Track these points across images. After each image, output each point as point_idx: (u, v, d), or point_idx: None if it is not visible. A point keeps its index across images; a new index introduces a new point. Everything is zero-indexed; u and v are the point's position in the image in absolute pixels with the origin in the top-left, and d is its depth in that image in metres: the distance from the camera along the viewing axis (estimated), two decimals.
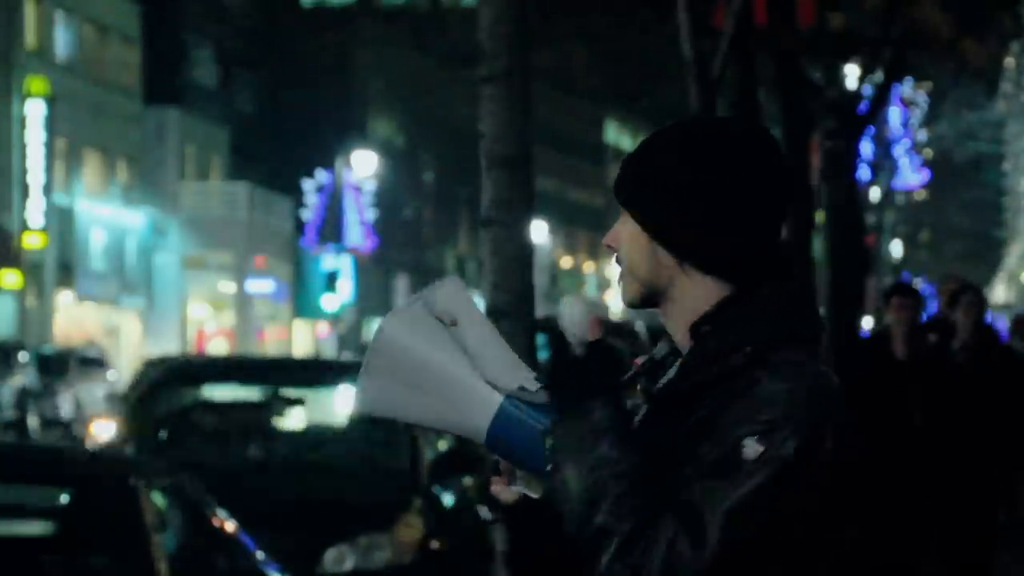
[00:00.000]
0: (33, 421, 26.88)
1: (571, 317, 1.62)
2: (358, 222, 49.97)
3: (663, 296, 2.13)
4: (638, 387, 2.16)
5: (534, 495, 2.10)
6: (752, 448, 1.97)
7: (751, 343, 2.04)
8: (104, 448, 8.56)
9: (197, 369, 10.84)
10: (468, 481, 8.74)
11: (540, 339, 6.53)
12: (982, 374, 8.10)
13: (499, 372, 2.09)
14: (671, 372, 2.14)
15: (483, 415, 2.08)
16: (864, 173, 34.47)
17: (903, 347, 8.02)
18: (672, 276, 2.11)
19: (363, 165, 49.81)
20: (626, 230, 2.14)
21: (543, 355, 13.09)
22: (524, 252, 5.01)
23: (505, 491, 2.12)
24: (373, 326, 57.31)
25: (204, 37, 46.14)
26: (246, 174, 47.49)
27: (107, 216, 41.96)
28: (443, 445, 8.87)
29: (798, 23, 15.61)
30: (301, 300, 49.28)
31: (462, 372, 2.09)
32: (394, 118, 54.92)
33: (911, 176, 46.66)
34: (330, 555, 7.73)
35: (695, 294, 2.11)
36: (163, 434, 8.83)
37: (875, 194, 45.03)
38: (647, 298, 2.15)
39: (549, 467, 2.04)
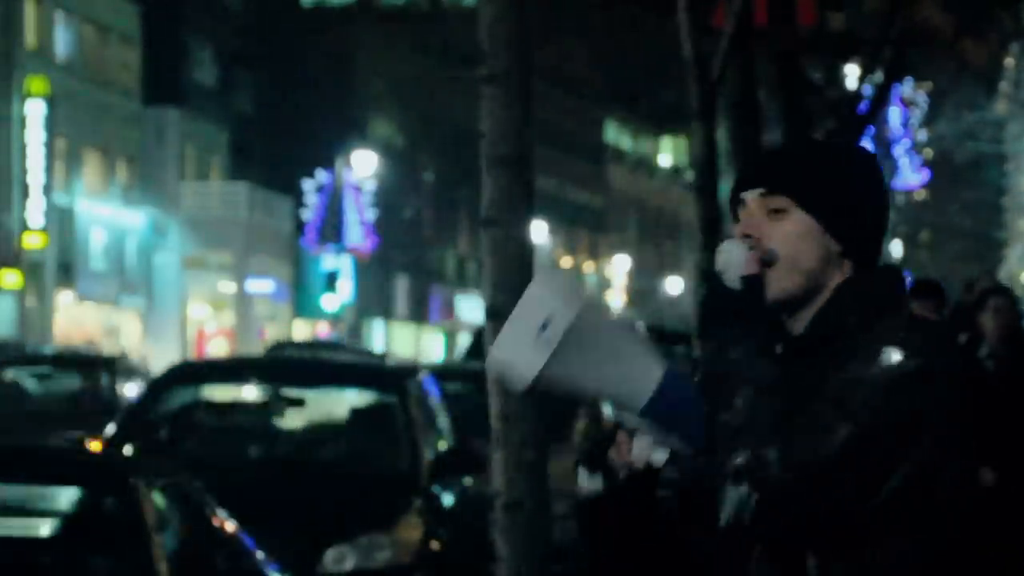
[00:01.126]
0: None
1: (729, 259, 1.62)
2: (358, 222, 49.96)
3: (818, 289, 2.29)
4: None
5: (658, 462, 2.19)
6: (895, 354, 2.19)
7: (875, 301, 2.28)
8: (105, 448, 8.55)
9: (198, 369, 10.84)
10: (468, 481, 8.74)
11: None
12: (1014, 386, 7.52)
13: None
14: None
15: (647, 382, 2.18)
16: None
17: None
18: (830, 269, 2.29)
19: (363, 165, 49.80)
20: (789, 225, 2.28)
21: None
22: (524, 252, 5.01)
23: (640, 452, 2.18)
24: (373, 327, 57.34)
25: (204, 37, 46.14)
26: (246, 174, 47.48)
27: (107, 216, 41.95)
28: (443, 445, 8.87)
29: (798, 23, 15.61)
30: (301, 300, 49.28)
31: (632, 340, 2.19)
32: (394, 118, 54.91)
33: (911, 176, 46.66)
34: (330, 555, 7.73)
35: (836, 278, 2.31)
36: (164, 434, 8.83)
37: None
38: (807, 291, 2.29)
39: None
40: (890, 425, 2.15)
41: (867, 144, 35.91)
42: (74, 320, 40.60)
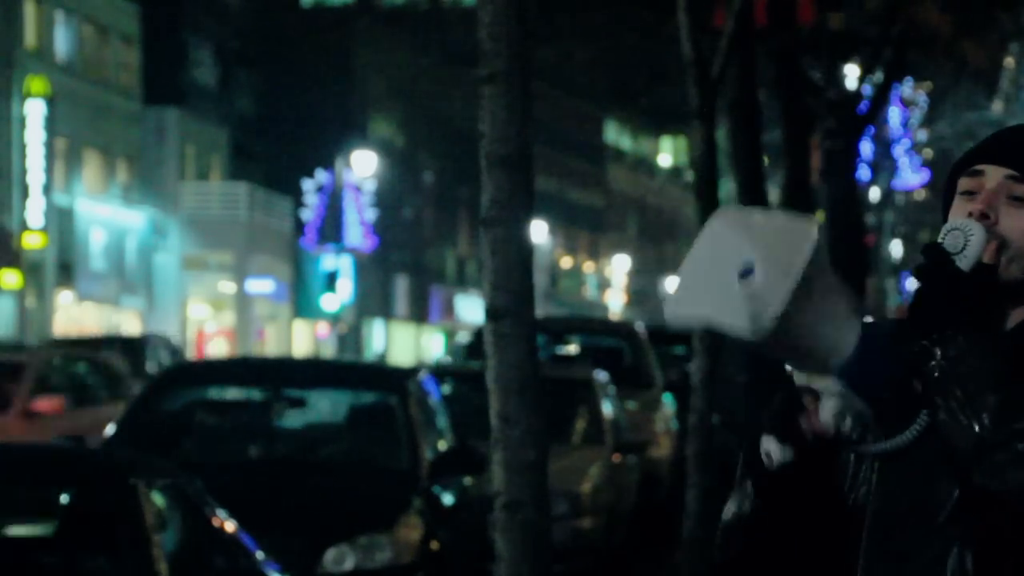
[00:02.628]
0: None
1: (969, 240, 1.51)
2: (358, 222, 49.95)
3: None
4: None
5: (846, 430, 2.05)
6: None
7: None
8: (104, 448, 8.55)
9: (198, 369, 10.83)
10: (468, 481, 8.74)
11: (540, 340, 6.53)
12: None
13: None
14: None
15: (846, 337, 2.03)
16: (864, 173, 34.45)
17: None
18: None
19: (363, 165, 49.80)
20: None
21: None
22: (524, 252, 5.01)
23: (829, 417, 2.04)
24: (373, 327, 57.32)
25: (204, 37, 46.13)
26: (246, 174, 47.48)
27: (107, 216, 41.95)
28: (443, 445, 8.88)
29: (798, 23, 15.62)
30: (301, 300, 49.28)
31: (835, 285, 2.04)
32: (394, 118, 54.90)
33: (911, 176, 46.65)
34: (330, 555, 7.73)
35: None
36: (164, 434, 8.83)
37: (875, 194, 45.00)
38: (1021, 284, 2.11)
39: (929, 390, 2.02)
40: None
41: (867, 144, 35.96)
42: (74, 320, 40.60)
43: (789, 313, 1.97)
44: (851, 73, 21.33)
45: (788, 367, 2.09)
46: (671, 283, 2.18)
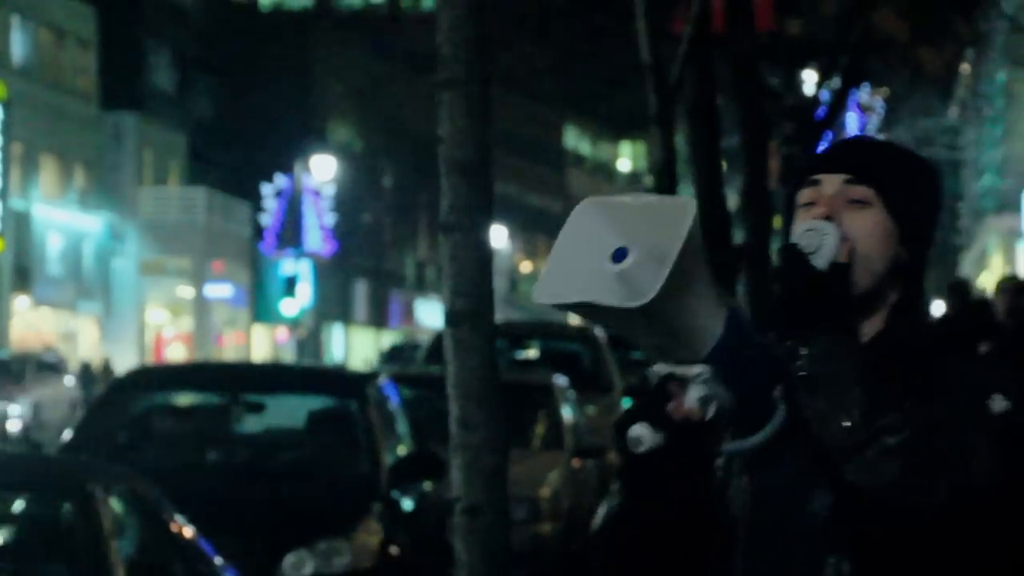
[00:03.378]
0: None
1: (824, 240, 1.54)
2: (317, 227, 49.85)
3: (879, 297, 2.17)
4: None
5: (711, 415, 2.07)
6: (1000, 403, 2.10)
7: (934, 331, 2.22)
8: (61, 454, 8.51)
9: (157, 375, 10.79)
10: (428, 486, 8.74)
11: (500, 344, 6.54)
12: None
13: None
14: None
15: (714, 322, 2.05)
16: None
17: None
18: (891, 280, 2.17)
19: (322, 170, 49.71)
20: (870, 220, 2.16)
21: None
22: (483, 257, 5.02)
23: (695, 403, 2.07)
24: (332, 331, 57.13)
25: (162, 41, 45.96)
26: (204, 179, 47.33)
27: (64, 221, 41.73)
28: (402, 450, 8.87)
29: (756, 29, 15.68)
30: (260, 305, 49.14)
31: (709, 275, 2.05)
32: (353, 123, 54.84)
33: None
34: (289, 560, 7.72)
35: (889, 295, 2.19)
36: (121, 439, 8.79)
37: None
38: (870, 295, 2.16)
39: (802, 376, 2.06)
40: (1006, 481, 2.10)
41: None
42: (30, 325, 40.36)
43: (666, 292, 1.99)
44: (809, 79, 21.44)
45: (650, 355, 2.11)
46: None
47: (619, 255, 2.03)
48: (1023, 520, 2.11)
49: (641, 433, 2.08)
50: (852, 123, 42.91)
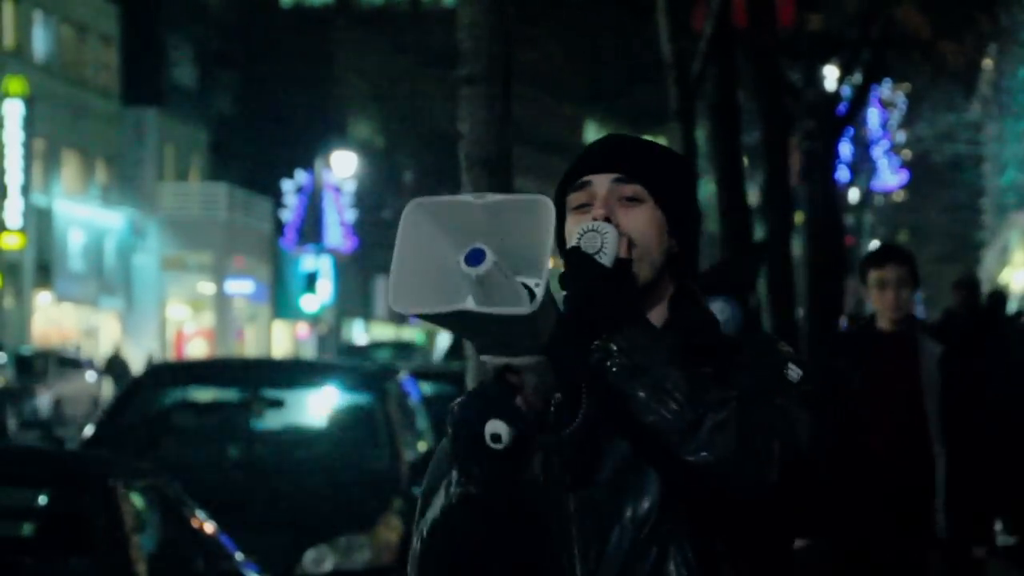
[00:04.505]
0: (11, 422, 26.79)
1: (605, 239, 1.60)
2: (338, 223, 49.90)
3: (657, 288, 2.26)
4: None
5: (555, 404, 2.13)
6: (795, 372, 2.22)
7: (713, 318, 2.30)
8: (83, 449, 8.54)
9: (178, 371, 10.81)
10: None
11: None
12: None
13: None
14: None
15: (552, 314, 2.09)
16: (843, 174, 34.51)
17: None
18: (665, 271, 2.27)
19: (342, 166, 49.75)
20: (643, 215, 2.26)
21: None
22: None
23: (536, 392, 2.12)
24: (353, 327, 57.23)
25: (183, 37, 46.04)
26: (225, 175, 47.40)
27: (86, 217, 41.84)
28: (423, 446, 8.88)
29: (777, 25, 15.65)
30: (280, 301, 49.20)
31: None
32: (373, 119, 54.87)
33: (890, 177, 46.77)
34: (310, 556, 7.73)
35: (667, 285, 2.29)
36: (142, 435, 8.81)
37: (854, 195, 45.10)
38: (649, 286, 2.25)
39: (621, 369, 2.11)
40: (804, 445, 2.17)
41: (846, 146, 35.98)
42: (52, 321, 40.48)
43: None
44: (830, 75, 21.39)
45: (481, 351, 2.12)
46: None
47: (474, 257, 2.02)
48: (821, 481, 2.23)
49: (499, 429, 2.10)
50: (873, 119, 42.78)
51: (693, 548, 2.15)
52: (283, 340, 50.48)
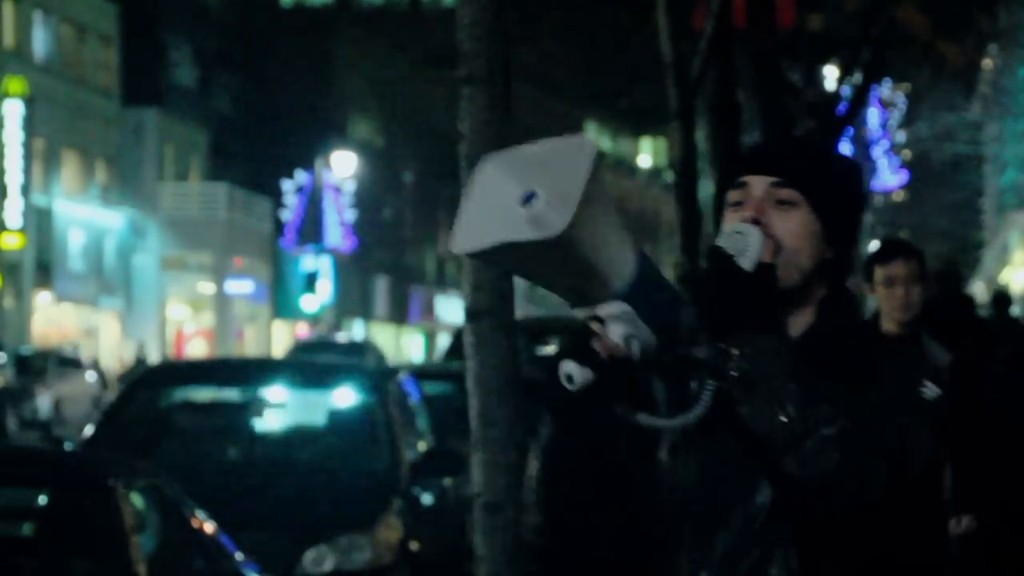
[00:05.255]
0: (11, 422, 26.79)
1: (747, 242, 1.58)
2: (338, 223, 49.91)
3: (806, 293, 2.26)
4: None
5: (634, 354, 2.13)
6: (931, 390, 2.21)
7: (865, 325, 2.32)
8: (82, 449, 8.54)
9: (178, 371, 10.81)
10: (448, 482, 8.74)
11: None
12: None
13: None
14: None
15: (625, 261, 2.13)
16: None
17: None
18: (817, 277, 2.27)
19: (342, 166, 49.75)
20: (796, 219, 2.25)
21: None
22: None
23: (617, 339, 2.12)
24: (353, 327, 57.23)
25: (183, 37, 46.05)
26: (225, 175, 47.41)
27: (85, 217, 41.85)
28: (422, 446, 8.88)
29: (777, 25, 15.64)
30: (280, 301, 49.21)
31: (617, 213, 2.12)
32: (373, 118, 54.88)
33: (890, 177, 46.79)
34: (309, 556, 7.72)
35: (816, 290, 2.28)
36: (142, 435, 8.81)
37: None
38: (797, 291, 2.25)
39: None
40: (936, 462, 2.19)
41: (846, 146, 35.97)
42: (52, 321, 40.49)
43: (577, 226, 2.04)
44: (830, 74, 21.40)
45: (567, 301, 2.16)
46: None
47: (528, 198, 2.08)
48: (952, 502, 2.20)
49: (570, 370, 2.13)
50: (873, 119, 42.79)
51: (799, 555, 2.16)
52: (283, 340, 50.50)
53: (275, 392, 9.03)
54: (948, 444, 2.18)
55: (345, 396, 9.07)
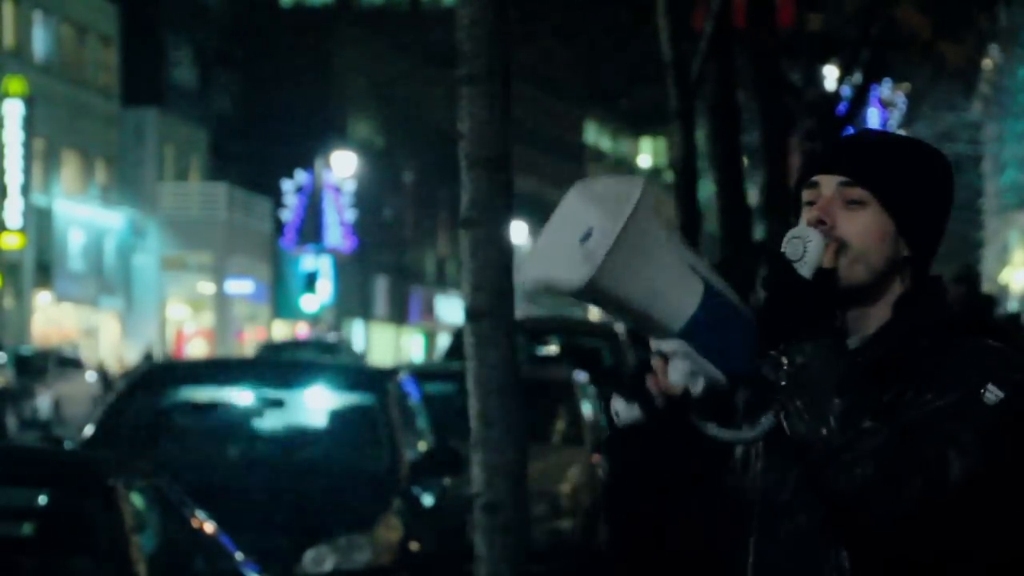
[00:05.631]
0: (11, 422, 26.78)
1: (807, 248, 1.55)
2: (337, 223, 49.90)
3: (879, 292, 2.23)
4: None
5: (696, 391, 2.10)
6: (993, 394, 2.15)
7: (946, 320, 2.24)
8: (82, 449, 8.53)
9: (178, 370, 10.81)
10: (448, 482, 8.74)
11: (520, 340, 6.54)
12: None
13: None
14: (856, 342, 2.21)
15: (689, 299, 2.08)
16: None
17: None
18: (893, 275, 2.23)
19: (342, 165, 49.75)
20: (866, 219, 2.21)
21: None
22: (504, 253, 5.02)
23: (676, 378, 2.11)
24: (353, 327, 57.24)
25: (183, 37, 46.04)
26: (225, 175, 47.40)
27: (85, 217, 41.85)
28: (423, 446, 8.88)
29: (777, 25, 15.65)
30: (280, 301, 49.20)
31: (678, 249, 2.08)
32: (373, 118, 54.87)
33: None
34: (309, 556, 7.72)
35: (891, 288, 2.24)
36: (142, 434, 8.81)
37: None
38: (868, 289, 2.22)
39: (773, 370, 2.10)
40: (1001, 466, 2.15)
41: None
42: (52, 321, 40.48)
43: (615, 262, 2.01)
44: (830, 74, 21.39)
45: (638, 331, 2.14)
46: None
47: (587, 236, 2.07)
48: (1014, 509, 2.16)
49: (618, 407, 2.13)
50: (873, 118, 42.77)
51: (850, 558, 2.17)
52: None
53: (275, 392, 9.03)
54: (1013, 447, 2.13)
55: (345, 396, 9.07)
